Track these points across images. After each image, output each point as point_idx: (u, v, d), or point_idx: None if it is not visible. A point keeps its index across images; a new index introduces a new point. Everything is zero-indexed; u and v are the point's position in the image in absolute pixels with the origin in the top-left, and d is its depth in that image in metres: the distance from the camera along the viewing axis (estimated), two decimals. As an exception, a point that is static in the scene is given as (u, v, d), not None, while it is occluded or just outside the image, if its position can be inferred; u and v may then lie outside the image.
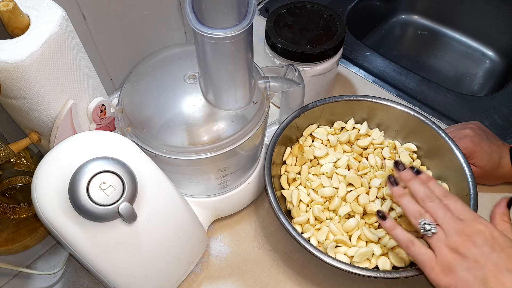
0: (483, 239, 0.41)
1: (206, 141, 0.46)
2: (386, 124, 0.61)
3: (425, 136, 0.58)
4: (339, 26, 0.62)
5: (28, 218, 0.55)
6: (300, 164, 0.58)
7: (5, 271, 0.55)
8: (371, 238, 0.51)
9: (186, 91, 0.47)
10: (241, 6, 0.40)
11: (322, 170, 0.57)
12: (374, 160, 0.58)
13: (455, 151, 0.54)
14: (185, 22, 0.70)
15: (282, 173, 0.59)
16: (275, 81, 0.49)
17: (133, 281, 0.45)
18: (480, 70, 0.91)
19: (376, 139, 0.60)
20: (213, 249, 0.57)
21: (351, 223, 0.52)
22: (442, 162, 0.57)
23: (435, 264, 0.41)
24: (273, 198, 0.51)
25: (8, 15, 0.40)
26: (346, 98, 0.60)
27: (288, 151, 0.59)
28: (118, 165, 0.39)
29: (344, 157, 0.58)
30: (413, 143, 0.60)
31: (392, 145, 0.60)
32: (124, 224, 0.41)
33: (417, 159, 0.60)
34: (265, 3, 0.89)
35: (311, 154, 0.58)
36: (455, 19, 0.95)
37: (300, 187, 0.57)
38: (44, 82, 0.42)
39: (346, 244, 0.51)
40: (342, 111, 0.61)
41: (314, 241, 0.52)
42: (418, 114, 0.58)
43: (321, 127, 0.62)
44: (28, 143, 0.47)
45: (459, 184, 0.54)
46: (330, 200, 0.54)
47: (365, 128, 0.61)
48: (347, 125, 0.62)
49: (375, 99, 0.59)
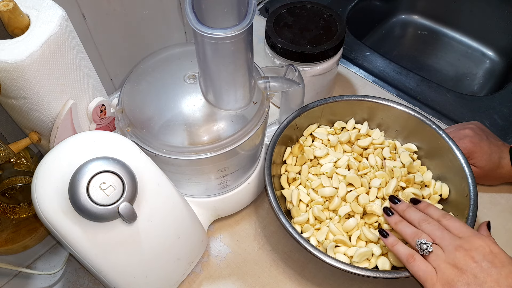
0: (482, 254, 0.40)
1: (206, 141, 0.46)
2: (386, 124, 0.61)
3: (425, 136, 0.58)
4: (339, 26, 0.62)
5: (28, 218, 0.55)
6: (300, 164, 0.58)
7: (5, 271, 0.55)
8: (370, 238, 0.51)
9: (186, 91, 0.47)
10: (241, 6, 0.40)
11: (322, 170, 0.57)
12: (374, 160, 0.57)
13: (455, 151, 0.54)
14: (185, 22, 0.70)
15: (282, 173, 0.59)
16: (275, 81, 0.49)
17: (133, 281, 0.45)
18: (480, 70, 0.91)
19: (376, 139, 0.60)
20: (213, 249, 0.57)
21: (351, 223, 0.52)
22: (443, 162, 0.56)
23: (436, 280, 0.41)
24: (273, 198, 0.51)
25: (8, 15, 0.40)
26: (347, 98, 0.60)
27: (288, 150, 0.59)
28: (118, 165, 0.39)
29: (344, 157, 0.58)
30: (413, 143, 0.60)
31: (392, 145, 0.60)
32: (124, 224, 0.41)
33: (417, 159, 0.60)
34: (265, 3, 0.89)
35: (311, 154, 0.58)
36: (455, 19, 0.95)
37: (300, 187, 0.57)
38: (44, 82, 0.42)
39: (346, 244, 0.51)
40: (343, 111, 0.61)
41: (313, 240, 0.52)
42: (419, 114, 0.58)
43: (321, 127, 0.62)
44: (28, 143, 0.47)
45: (459, 185, 0.54)
46: (330, 200, 0.54)
47: (365, 128, 0.61)
48: (348, 125, 0.62)
49: (376, 99, 0.60)
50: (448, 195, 0.56)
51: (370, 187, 0.55)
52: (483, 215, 0.60)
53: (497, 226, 0.58)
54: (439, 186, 0.57)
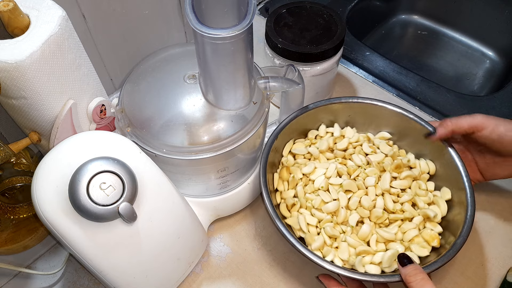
0: None
1: (206, 141, 0.46)
2: (353, 120, 0.61)
3: (391, 121, 0.59)
4: (339, 26, 0.62)
5: (28, 218, 0.55)
6: (293, 186, 0.56)
7: (5, 271, 0.55)
8: (388, 238, 0.51)
9: (186, 91, 0.47)
10: (241, 6, 0.40)
11: (316, 185, 0.55)
12: (359, 159, 0.57)
13: (423, 124, 0.56)
14: (185, 22, 0.70)
15: (279, 202, 0.56)
16: (275, 81, 0.49)
17: (133, 281, 0.45)
18: (480, 70, 0.91)
19: (352, 138, 0.60)
20: (213, 249, 0.57)
21: (364, 229, 0.51)
22: (415, 140, 0.58)
23: None
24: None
25: (8, 15, 0.40)
26: (313, 106, 0.58)
27: (276, 177, 0.57)
28: (118, 165, 0.39)
29: (331, 166, 0.56)
30: (384, 130, 0.61)
31: (367, 138, 0.60)
32: (124, 224, 0.41)
33: (394, 145, 0.60)
34: (265, 3, 0.89)
35: (300, 173, 0.56)
36: (455, 19, 0.95)
37: (301, 210, 0.54)
38: (44, 82, 0.42)
39: (369, 252, 0.50)
40: (312, 120, 0.60)
41: (338, 261, 0.50)
42: (376, 101, 0.59)
43: (297, 141, 0.60)
44: (28, 143, 0.47)
45: (439, 155, 0.56)
46: (336, 214, 0.53)
47: (337, 129, 0.60)
48: (320, 132, 0.61)
49: (339, 100, 0.59)
50: (435, 170, 0.57)
51: (366, 187, 0.55)
52: (483, 215, 0.60)
53: (497, 226, 0.58)
54: (424, 164, 0.57)
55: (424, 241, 0.51)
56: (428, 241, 0.51)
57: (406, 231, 0.52)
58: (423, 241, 0.51)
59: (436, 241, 0.50)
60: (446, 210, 0.54)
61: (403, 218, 0.52)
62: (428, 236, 0.51)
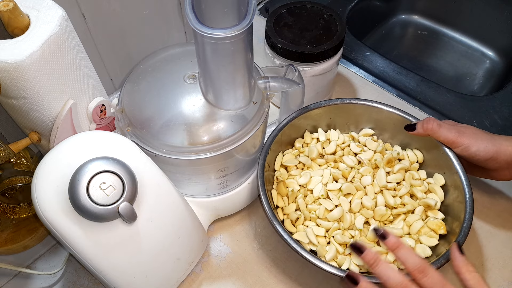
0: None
1: (206, 141, 0.46)
2: (334, 122, 0.61)
3: (371, 117, 0.60)
4: (339, 26, 0.62)
5: (28, 218, 0.55)
6: (293, 199, 0.55)
7: (5, 271, 0.55)
8: (396, 234, 0.51)
9: (186, 91, 0.47)
10: (241, 6, 0.40)
11: (316, 194, 0.54)
12: (350, 160, 0.57)
13: (400, 114, 0.57)
14: (185, 22, 0.70)
15: (282, 219, 0.55)
16: (275, 81, 0.49)
17: (133, 281, 0.45)
18: (480, 70, 0.91)
19: (338, 140, 0.59)
20: (213, 249, 0.57)
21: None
22: (396, 131, 0.58)
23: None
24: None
25: (8, 15, 0.40)
26: (295, 114, 0.58)
27: (274, 194, 0.56)
28: (118, 165, 0.39)
29: (326, 172, 0.56)
30: (367, 127, 0.61)
31: (351, 137, 0.60)
32: (124, 224, 0.41)
33: (378, 140, 0.60)
34: (265, 3, 0.89)
35: (296, 184, 0.56)
36: (455, 19, 0.95)
37: (306, 223, 0.53)
38: (44, 82, 0.42)
39: (381, 252, 0.49)
40: (296, 128, 0.60)
41: (354, 268, 0.49)
42: (356, 100, 0.59)
43: (285, 153, 0.60)
44: (28, 143, 0.47)
45: (425, 142, 0.56)
46: (342, 220, 0.52)
47: (322, 134, 0.60)
48: (306, 139, 0.60)
49: (320, 104, 0.59)
50: (423, 158, 0.58)
51: (364, 186, 0.55)
52: (483, 215, 0.60)
53: (497, 226, 0.58)
54: (412, 154, 0.58)
55: (431, 231, 0.51)
56: (435, 230, 0.51)
57: (412, 223, 0.52)
58: (430, 230, 0.51)
59: (442, 229, 0.51)
60: (443, 196, 0.54)
61: (405, 211, 0.53)
62: (434, 225, 0.51)
